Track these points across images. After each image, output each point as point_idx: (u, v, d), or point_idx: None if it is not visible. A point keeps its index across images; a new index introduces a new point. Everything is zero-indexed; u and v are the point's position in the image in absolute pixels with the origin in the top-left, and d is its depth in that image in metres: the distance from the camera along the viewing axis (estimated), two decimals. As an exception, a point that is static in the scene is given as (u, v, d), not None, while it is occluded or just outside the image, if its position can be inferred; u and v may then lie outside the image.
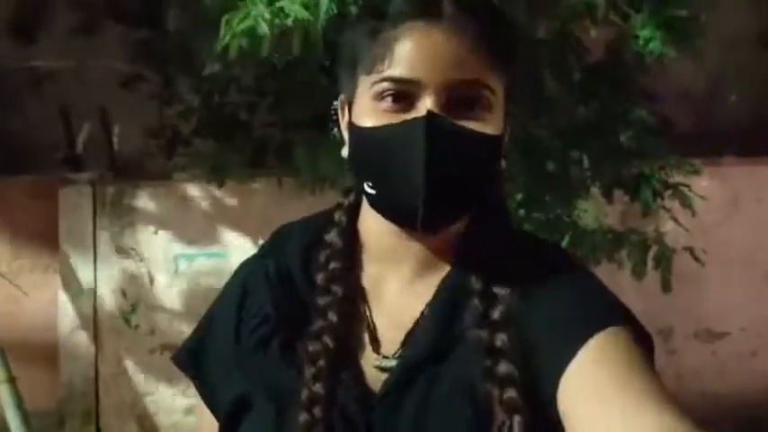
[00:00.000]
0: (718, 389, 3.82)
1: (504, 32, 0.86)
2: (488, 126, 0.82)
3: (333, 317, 0.87)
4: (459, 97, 0.81)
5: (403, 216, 0.83)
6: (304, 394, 0.84)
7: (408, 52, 0.80)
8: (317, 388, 0.84)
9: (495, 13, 0.86)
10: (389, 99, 0.81)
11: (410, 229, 0.85)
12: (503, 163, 0.88)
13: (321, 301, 0.88)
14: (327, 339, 0.86)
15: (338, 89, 0.91)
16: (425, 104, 0.80)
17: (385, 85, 0.81)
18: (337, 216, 0.92)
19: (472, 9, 0.83)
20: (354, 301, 0.89)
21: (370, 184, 0.84)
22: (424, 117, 0.79)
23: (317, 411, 0.83)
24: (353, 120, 0.85)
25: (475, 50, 0.81)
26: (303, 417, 0.83)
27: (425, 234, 0.85)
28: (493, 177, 0.87)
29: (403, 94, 0.81)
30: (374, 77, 0.82)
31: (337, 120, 0.92)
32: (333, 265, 0.89)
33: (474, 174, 0.83)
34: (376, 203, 0.86)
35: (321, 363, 0.85)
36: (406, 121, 0.80)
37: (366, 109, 0.83)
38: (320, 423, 0.83)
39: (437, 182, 0.80)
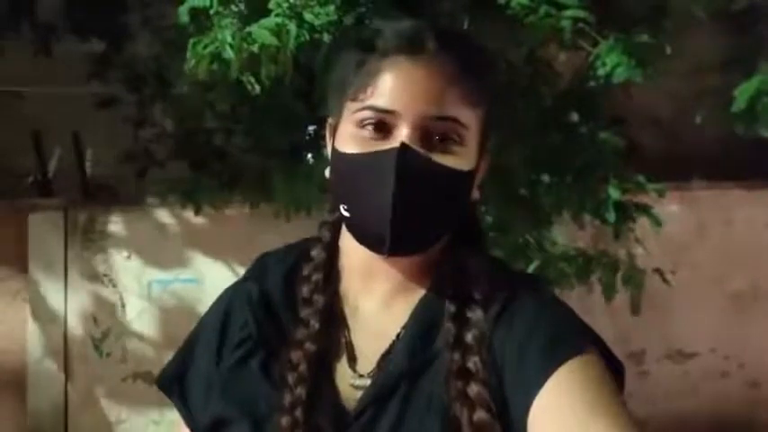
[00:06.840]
0: (690, 409, 3.85)
1: (483, 69, 0.90)
2: (460, 161, 0.85)
3: (315, 324, 0.90)
4: (434, 132, 0.84)
5: (372, 242, 0.87)
6: (286, 399, 0.86)
7: (390, 84, 0.84)
8: (299, 391, 0.86)
9: (475, 50, 0.90)
10: (370, 127, 0.85)
11: (379, 255, 0.87)
12: (476, 194, 0.91)
13: (303, 312, 0.91)
14: (309, 346, 0.88)
15: (317, 114, 0.94)
16: (401, 136, 0.83)
17: (366, 113, 0.85)
18: (321, 233, 0.96)
19: (454, 47, 0.86)
20: (334, 314, 0.92)
21: (345, 207, 0.88)
22: (396, 148, 0.83)
23: (298, 414, 0.85)
24: (336, 144, 0.89)
25: (453, 87, 0.84)
26: (285, 420, 0.85)
27: (394, 260, 0.88)
28: (462, 209, 0.90)
29: (382, 123, 0.84)
30: (357, 105, 0.86)
31: (325, 141, 0.95)
32: (315, 276, 0.93)
33: (441, 206, 0.86)
34: (350, 226, 0.90)
35: (302, 368, 0.87)
36: (379, 151, 0.84)
37: (348, 134, 0.87)
38: (301, 427, 0.84)
39: (404, 212, 0.83)
